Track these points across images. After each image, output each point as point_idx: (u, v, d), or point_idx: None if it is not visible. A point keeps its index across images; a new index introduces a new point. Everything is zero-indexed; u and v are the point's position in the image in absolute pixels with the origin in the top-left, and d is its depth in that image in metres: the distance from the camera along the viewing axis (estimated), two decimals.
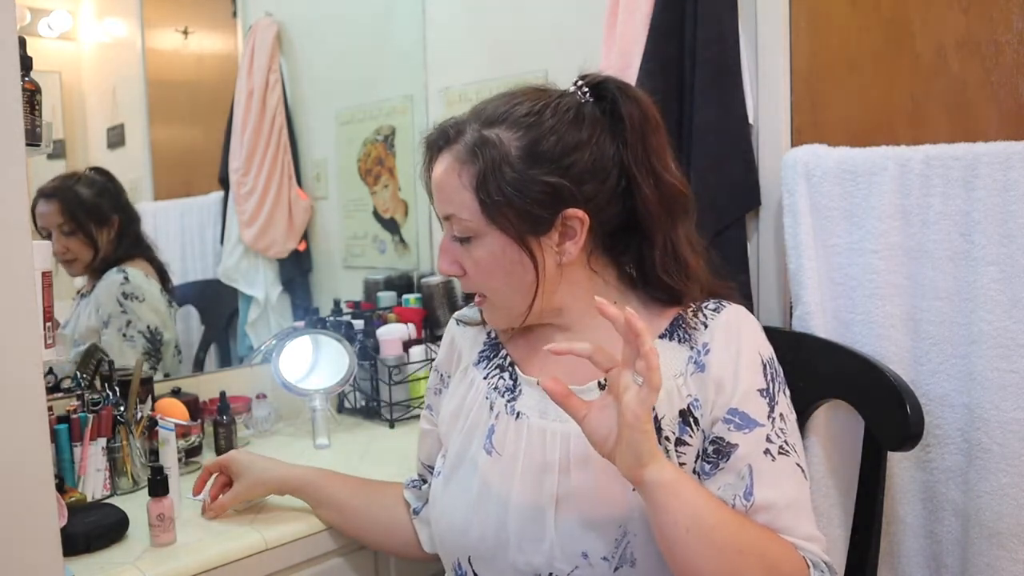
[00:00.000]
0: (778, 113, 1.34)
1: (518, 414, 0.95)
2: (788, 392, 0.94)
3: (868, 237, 1.17)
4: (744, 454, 0.87)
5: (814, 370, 1.16)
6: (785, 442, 0.89)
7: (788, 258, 1.26)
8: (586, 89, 0.94)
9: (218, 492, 1.18)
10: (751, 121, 1.34)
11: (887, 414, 1.07)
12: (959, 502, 1.11)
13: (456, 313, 1.12)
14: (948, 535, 1.13)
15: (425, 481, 1.12)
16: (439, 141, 0.95)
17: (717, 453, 0.88)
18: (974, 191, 1.07)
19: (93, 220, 1.58)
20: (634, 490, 0.86)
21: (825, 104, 1.30)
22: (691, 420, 0.90)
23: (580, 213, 0.90)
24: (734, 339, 0.92)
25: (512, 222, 0.89)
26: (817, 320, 1.23)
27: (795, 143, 1.33)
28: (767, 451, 0.88)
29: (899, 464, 1.18)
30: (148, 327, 1.62)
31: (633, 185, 0.92)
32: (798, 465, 0.89)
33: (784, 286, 1.34)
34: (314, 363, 1.65)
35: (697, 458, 0.90)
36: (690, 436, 0.90)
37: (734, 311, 0.95)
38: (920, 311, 1.14)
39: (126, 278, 1.61)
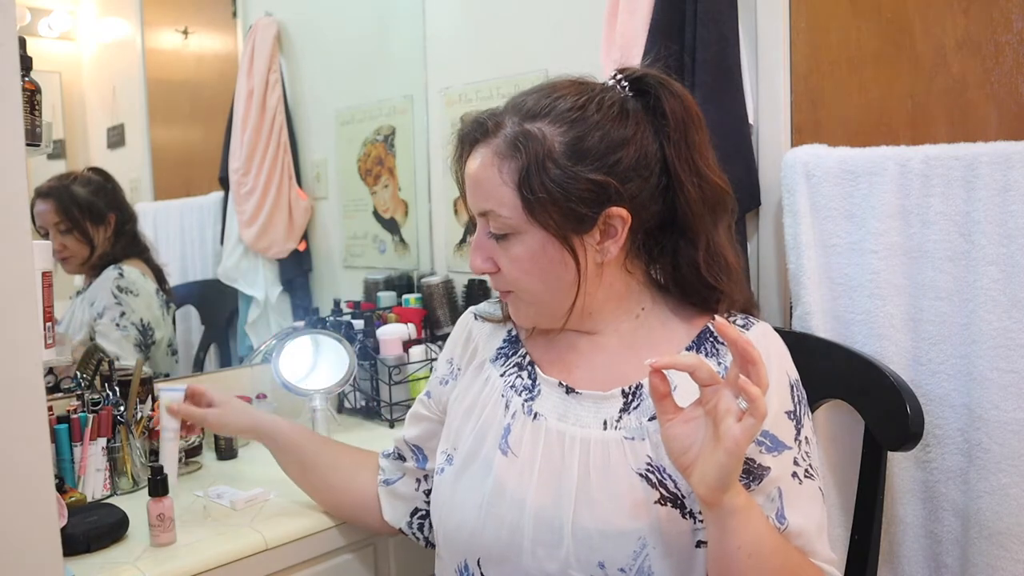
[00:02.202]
0: (778, 113, 1.34)
1: (535, 415, 0.94)
2: (810, 414, 0.94)
3: (868, 237, 1.17)
4: (775, 477, 0.87)
5: (814, 370, 1.16)
6: (810, 465, 0.90)
7: (788, 258, 1.26)
8: (626, 83, 0.92)
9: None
10: (751, 121, 1.34)
11: (887, 414, 1.07)
12: (959, 502, 1.11)
13: (474, 307, 1.10)
14: (948, 535, 1.13)
15: (403, 457, 1.11)
16: (475, 133, 0.91)
17: (748, 474, 0.86)
18: (974, 191, 1.07)
19: (89, 218, 1.60)
20: (658, 502, 0.85)
21: (825, 104, 1.30)
22: None
23: (623, 212, 0.88)
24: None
25: (555, 220, 0.86)
26: (817, 320, 1.23)
27: (795, 143, 1.33)
28: (794, 474, 0.88)
29: (899, 464, 1.18)
30: (141, 320, 1.63)
31: (675, 183, 0.90)
32: (820, 488, 0.90)
33: (784, 286, 1.34)
34: (314, 363, 1.65)
35: None
36: None
37: (763, 329, 0.94)
38: (920, 311, 1.14)
39: (121, 274, 1.62)
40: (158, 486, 1.08)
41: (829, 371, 1.17)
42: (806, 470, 0.89)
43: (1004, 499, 1.05)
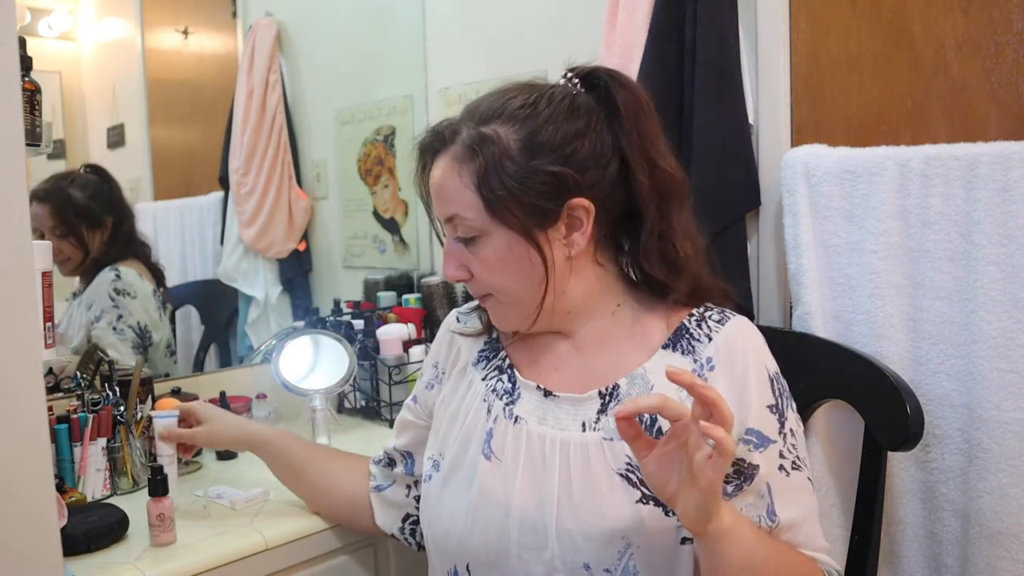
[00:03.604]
0: (778, 113, 1.34)
1: (516, 418, 0.94)
2: (794, 405, 0.94)
3: (868, 237, 1.17)
4: (764, 473, 0.87)
5: (814, 370, 1.16)
6: (797, 457, 0.90)
7: (788, 258, 1.26)
8: (576, 80, 0.93)
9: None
10: (751, 121, 1.34)
11: (887, 414, 1.07)
12: (959, 502, 1.11)
13: (456, 309, 1.11)
14: (948, 535, 1.13)
15: (393, 462, 1.12)
16: (434, 144, 0.93)
17: (739, 474, 0.87)
18: (974, 191, 1.07)
19: (84, 223, 1.58)
20: (640, 501, 0.85)
21: (825, 104, 1.30)
22: None
23: (585, 202, 0.88)
24: (740, 356, 0.90)
25: (517, 217, 0.87)
26: (817, 320, 1.22)
27: (795, 143, 1.33)
28: (781, 467, 0.88)
29: (899, 464, 1.18)
30: (138, 323, 1.63)
31: (629, 173, 0.90)
32: (808, 479, 0.91)
33: (784, 286, 1.34)
34: (314, 363, 1.64)
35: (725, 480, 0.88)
36: None
37: (738, 324, 0.94)
38: (920, 311, 1.14)
39: (118, 275, 1.61)
40: (158, 486, 1.08)
41: (829, 371, 1.16)
42: (793, 462, 0.89)
43: (1004, 499, 1.05)
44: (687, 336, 0.93)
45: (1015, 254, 1.04)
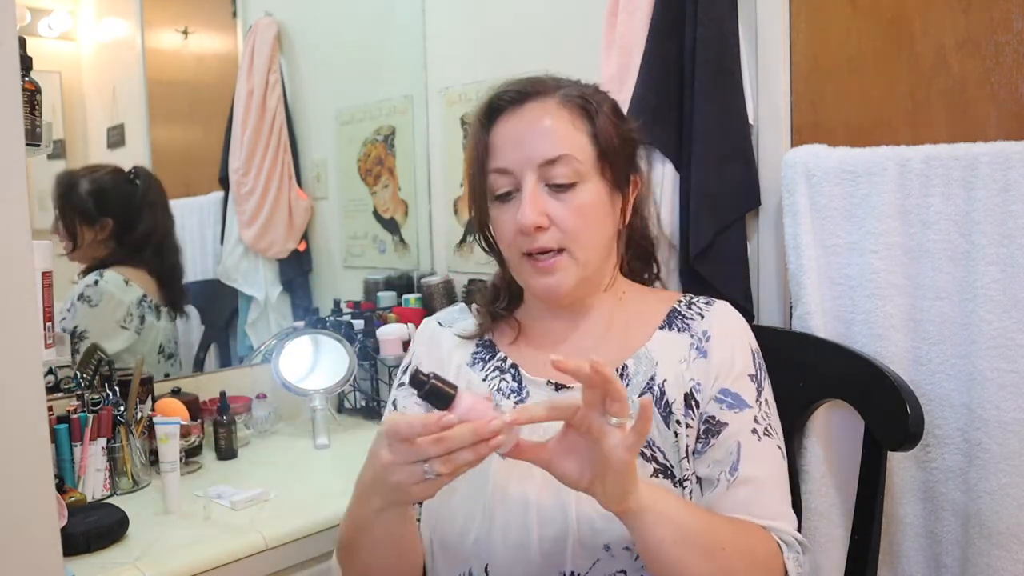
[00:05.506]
0: (778, 113, 1.34)
1: None
2: (769, 382, 1.01)
3: (868, 237, 1.17)
4: (734, 431, 0.92)
5: (814, 370, 1.16)
6: (770, 424, 0.96)
7: (788, 258, 1.26)
8: None
9: None
10: (751, 121, 1.34)
11: (887, 414, 1.07)
12: (959, 502, 1.11)
13: (435, 316, 1.12)
14: (948, 535, 1.13)
15: None
16: (527, 89, 0.97)
17: (708, 432, 0.93)
18: (974, 191, 1.07)
19: (78, 215, 1.59)
20: (653, 475, 0.89)
21: (825, 104, 1.30)
22: (692, 403, 0.94)
23: (638, 178, 1.01)
24: (729, 330, 1.00)
25: (616, 170, 0.96)
26: (817, 320, 1.22)
27: (795, 143, 1.33)
28: (754, 431, 0.94)
29: (899, 464, 1.18)
30: (75, 328, 1.55)
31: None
32: (779, 447, 0.96)
33: (784, 286, 1.34)
34: (314, 363, 1.65)
35: (697, 439, 0.94)
36: (691, 419, 0.94)
37: (723, 306, 1.03)
38: (920, 311, 1.14)
39: (96, 281, 1.60)
40: (443, 397, 0.76)
41: (829, 371, 1.16)
42: (766, 429, 0.95)
43: (1004, 499, 1.05)
44: (680, 317, 1.02)
45: (1015, 254, 1.04)
